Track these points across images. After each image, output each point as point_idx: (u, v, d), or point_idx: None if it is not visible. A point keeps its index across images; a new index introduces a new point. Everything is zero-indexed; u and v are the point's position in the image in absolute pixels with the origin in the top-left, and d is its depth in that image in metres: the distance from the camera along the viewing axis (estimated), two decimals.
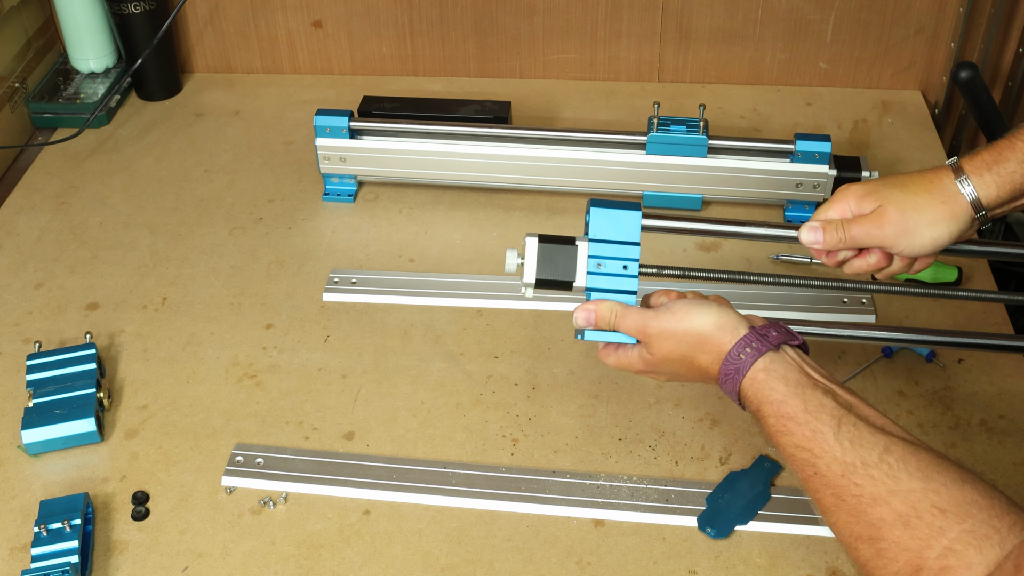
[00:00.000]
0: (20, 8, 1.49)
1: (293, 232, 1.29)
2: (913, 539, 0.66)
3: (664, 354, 0.84)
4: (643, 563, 0.91)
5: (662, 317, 0.83)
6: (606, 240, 0.88)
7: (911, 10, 1.45)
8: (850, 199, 0.87)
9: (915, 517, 0.67)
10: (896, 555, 0.67)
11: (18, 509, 0.97)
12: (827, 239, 0.87)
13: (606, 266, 0.87)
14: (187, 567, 0.92)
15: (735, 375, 0.79)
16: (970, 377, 1.07)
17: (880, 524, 0.68)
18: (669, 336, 0.83)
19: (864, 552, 0.69)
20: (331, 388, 1.08)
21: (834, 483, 0.71)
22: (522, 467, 0.99)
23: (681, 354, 0.83)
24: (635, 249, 0.88)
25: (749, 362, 0.78)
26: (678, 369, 0.84)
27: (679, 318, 0.83)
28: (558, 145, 1.28)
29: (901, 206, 0.85)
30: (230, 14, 1.55)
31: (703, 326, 0.82)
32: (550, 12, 1.50)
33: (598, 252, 0.88)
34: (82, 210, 1.34)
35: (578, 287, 0.87)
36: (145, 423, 1.05)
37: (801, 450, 0.74)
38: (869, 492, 0.69)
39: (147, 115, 1.52)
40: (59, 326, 1.17)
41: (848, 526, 0.70)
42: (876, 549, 0.68)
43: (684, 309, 0.83)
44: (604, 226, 0.88)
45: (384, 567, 0.91)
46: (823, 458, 0.72)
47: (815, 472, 0.73)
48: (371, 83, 1.57)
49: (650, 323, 0.84)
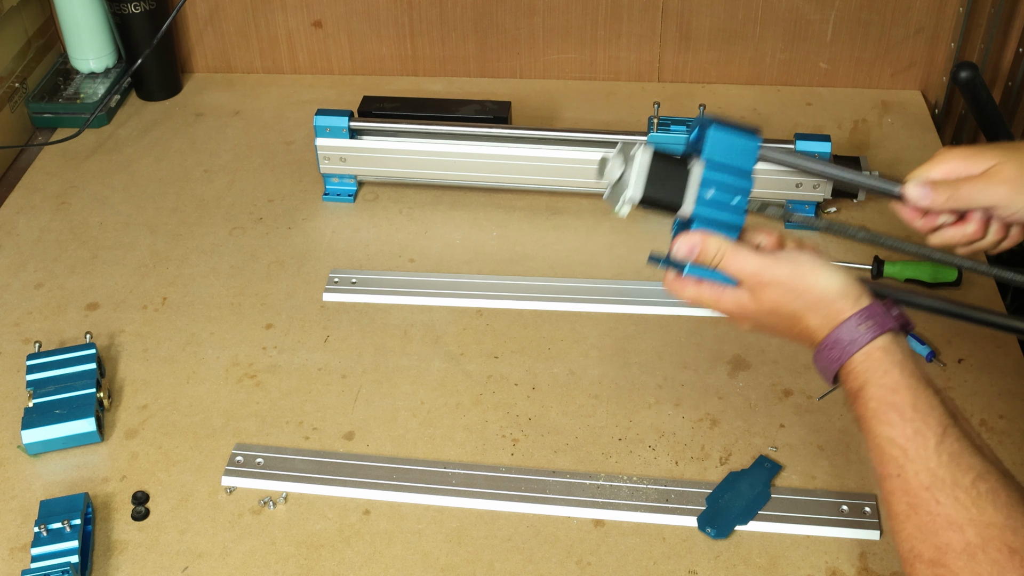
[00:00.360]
0: (20, 8, 1.49)
1: (293, 232, 1.29)
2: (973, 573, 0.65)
3: (772, 306, 0.77)
4: (643, 563, 0.91)
5: (783, 266, 0.77)
6: (722, 165, 0.79)
7: (911, 10, 1.45)
8: (955, 160, 0.80)
9: (981, 551, 0.65)
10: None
11: (18, 509, 0.97)
12: (936, 198, 0.80)
13: (716, 195, 0.79)
14: (187, 567, 0.92)
15: (848, 346, 0.74)
16: (970, 377, 1.07)
17: (946, 550, 0.66)
18: (786, 289, 0.76)
19: (920, 572, 0.67)
20: (331, 388, 1.08)
21: (915, 493, 0.68)
22: (522, 467, 0.99)
23: (792, 310, 0.77)
24: (748, 181, 0.80)
25: (868, 336, 0.73)
26: (776, 323, 0.78)
27: (803, 273, 0.76)
28: (558, 145, 1.28)
29: (1018, 164, 0.78)
30: (230, 14, 1.55)
31: (827, 288, 0.75)
32: (550, 12, 1.50)
33: (712, 178, 0.79)
34: (82, 210, 1.34)
35: (683, 214, 0.79)
36: (145, 423, 1.05)
37: (895, 447, 0.70)
38: (947, 514, 0.66)
39: (147, 115, 1.52)
40: (59, 326, 1.17)
41: (912, 540, 0.68)
42: (933, 572, 0.66)
43: (809, 264, 0.77)
44: (721, 150, 0.79)
45: (384, 567, 0.91)
46: (915, 463, 0.68)
47: (899, 475, 0.69)
48: (371, 83, 1.57)
49: (768, 270, 0.77)
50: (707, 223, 0.79)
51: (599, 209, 1.31)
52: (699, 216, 0.79)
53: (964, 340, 1.10)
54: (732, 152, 0.79)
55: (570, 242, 1.26)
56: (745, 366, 1.09)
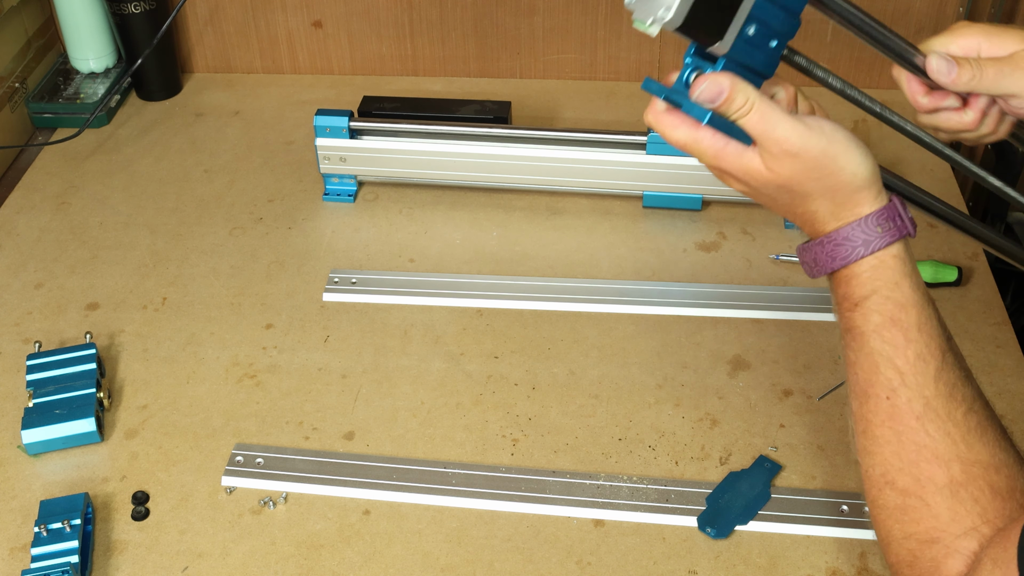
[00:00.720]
0: (20, 8, 1.49)
1: (293, 232, 1.29)
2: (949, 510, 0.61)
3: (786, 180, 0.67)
4: (643, 563, 0.91)
5: (817, 140, 0.66)
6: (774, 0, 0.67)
7: (911, 10, 1.45)
8: (976, 36, 0.74)
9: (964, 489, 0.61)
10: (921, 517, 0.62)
11: (18, 509, 0.97)
12: (961, 75, 0.73)
13: (757, 33, 0.67)
14: (187, 567, 0.92)
15: (859, 247, 0.66)
16: None
17: (927, 483, 0.62)
18: (812, 167, 0.66)
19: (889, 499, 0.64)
20: (331, 388, 1.08)
21: (904, 421, 0.63)
22: (522, 467, 0.99)
23: (806, 191, 0.67)
24: (795, 24, 0.70)
25: (885, 240, 0.66)
26: (779, 197, 0.68)
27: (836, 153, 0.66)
28: (558, 145, 1.28)
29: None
30: (230, 14, 1.55)
31: (855, 175, 0.66)
32: (550, 12, 1.50)
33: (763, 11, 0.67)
34: (82, 210, 1.34)
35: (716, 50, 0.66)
36: (145, 423, 1.05)
37: (892, 369, 0.64)
38: (935, 447, 0.62)
39: (147, 115, 1.52)
40: (59, 326, 1.17)
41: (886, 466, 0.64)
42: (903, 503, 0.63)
43: (844, 143, 0.67)
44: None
45: (384, 567, 0.91)
46: (910, 390, 0.63)
47: (889, 398, 0.64)
48: (371, 83, 1.57)
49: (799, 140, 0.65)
50: (737, 66, 0.67)
51: (599, 209, 1.31)
52: (732, 56, 0.66)
53: (964, 340, 1.10)
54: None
55: (570, 242, 1.26)
56: (745, 366, 1.09)
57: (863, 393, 0.66)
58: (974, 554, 0.60)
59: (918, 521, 0.63)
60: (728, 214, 1.29)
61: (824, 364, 1.09)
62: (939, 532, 0.62)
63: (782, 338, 1.12)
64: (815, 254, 0.68)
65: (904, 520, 0.63)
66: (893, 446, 0.64)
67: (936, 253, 1.21)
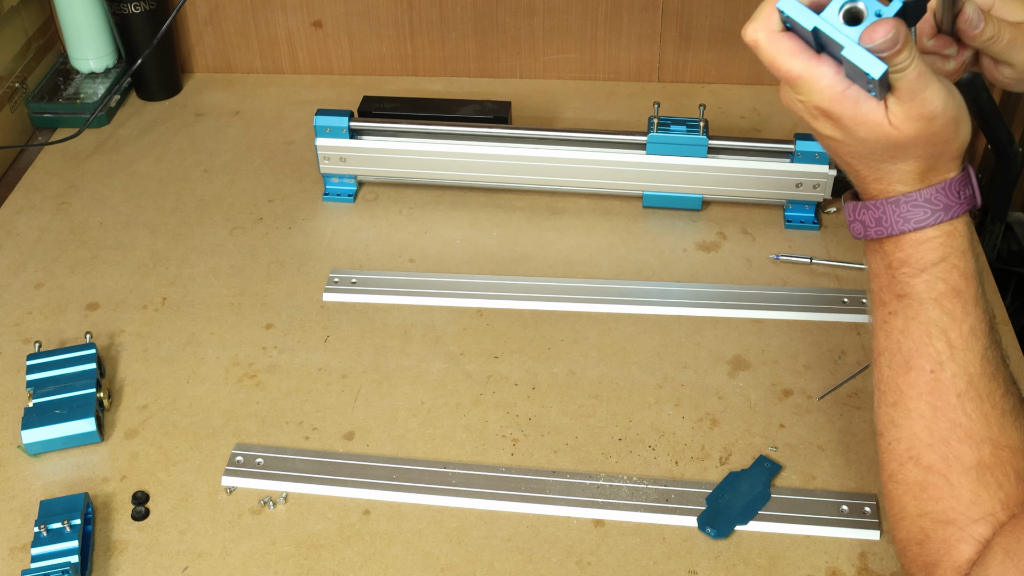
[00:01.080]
0: (20, 8, 1.49)
1: (293, 232, 1.29)
2: (971, 492, 0.60)
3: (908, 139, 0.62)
4: (643, 563, 0.91)
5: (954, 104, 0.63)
6: None
7: None
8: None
9: (990, 472, 0.60)
10: (941, 496, 0.61)
11: (18, 509, 0.97)
12: (984, 32, 0.70)
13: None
14: (187, 567, 0.92)
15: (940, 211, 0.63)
16: None
17: (954, 462, 0.61)
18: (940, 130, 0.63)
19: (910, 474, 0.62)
20: (331, 388, 1.08)
21: (944, 397, 0.61)
22: (522, 467, 0.99)
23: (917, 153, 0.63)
24: None
25: (963, 207, 0.63)
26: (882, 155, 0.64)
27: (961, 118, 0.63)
28: (558, 145, 1.28)
29: None
30: (230, 14, 1.55)
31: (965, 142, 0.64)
32: (550, 12, 1.50)
33: None
34: (82, 210, 1.34)
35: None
36: (145, 423, 1.05)
37: (944, 340, 0.62)
38: (970, 428, 0.61)
39: (147, 115, 1.52)
40: (59, 326, 1.17)
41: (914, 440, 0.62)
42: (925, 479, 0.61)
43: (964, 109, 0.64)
44: None
45: (384, 567, 0.91)
46: (956, 365, 0.61)
47: (933, 371, 0.62)
48: (371, 83, 1.57)
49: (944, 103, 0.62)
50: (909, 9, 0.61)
51: (599, 209, 1.31)
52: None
53: None
54: None
55: (570, 242, 1.26)
56: (745, 366, 1.09)
57: (904, 364, 0.64)
58: (986, 541, 0.59)
59: (937, 500, 0.61)
60: (728, 214, 1.29)
61: (824, 364, 1.09)
62: (956, 514, 0.60)
63: (782, 338, 1.12)
64: (883, 212, 0.64)
65: (922, 497, 0.62)
66: (927, 420, 0.62)
67: None
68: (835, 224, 1.27)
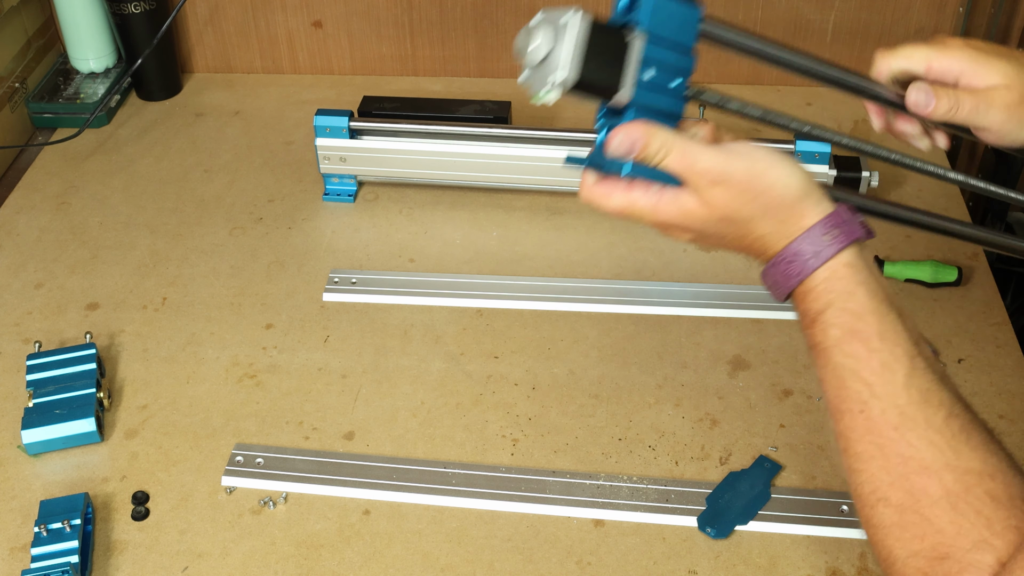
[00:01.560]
0: (20, 8, 1.49)
1: (293, 232, 1.29)
2: (952, 524, 0.59)
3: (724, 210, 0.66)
4: (643, 563, 0.91)
5: (739, 162, 0.66)
6: (664, 39, 0.65)
7: (911, 10, 1.45)
8: (962, 62, 0.73)
9: (964, 501, 0.59)
10: (924, 533, 0.59)
11: (18, 509, 0.97)
12: (939, 107, 0.73)
13: (656, 77, 0.65)
14: (187, 567, 0.92)
15: (811, 259, 0.65)
16: (970, 377, 1.07)
17: (921, 496, 0.59)
18: (742, 189, 0.65)
19: (885, 516, 0.61)
20: (331, 388, 1.08)
21: (882, 433, 0.61)
22: (522, 467, 0.99)
23: (746, 215, 0.66)
24: (690, 59, 0.67)
25: (834, 248, 0.64)
26: (726, 232, 0.67)
27: (761, 170, 0.66)
28: (558, 145, 1.28)
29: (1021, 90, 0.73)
30: (230, 14, 1.55)
31: (788, 187, 0.66)
32: None
33: (653, 55, 0.65)
34: (82, 210, 1.34)
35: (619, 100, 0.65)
36: (145, 423, 1.05)
37: (858, 381, 0.63)
38: (921, 458, 0.60)
39: (147, 115, 1.52)
40: (59, 326, 1.17)
41: (875, 482, 0.62)
42: (901, 519, 0.60)
43: (767, 160, 0.66)
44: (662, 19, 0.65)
45: (384, 567, 0.91)
46: (882, 401, 0.61)
47: (863, 412, 0.62)
48: (371, 83, 1.57)
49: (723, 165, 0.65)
50: (645, 111, 0.66)
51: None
52: (637, 103, 0.65)
53: (964, 340, 1.10)
54: (673, 22, 0.65)
55: (570, 242, 1.26)
56: (745, 366, 1.09)
57: (836, 410, 0.64)
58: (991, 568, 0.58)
59: (922, 537, 0.60)
60: None
61: None
62: (947, 547, 0.59)
63: (782, 338, 1.12)
64: (773, 277, 0.68)
65: (905, 538, 0.61)
66: (878, 460, 0.62)
67: (936, 253, 1.21)
68: None
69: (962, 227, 0.80)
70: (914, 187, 1.33)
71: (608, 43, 0.63)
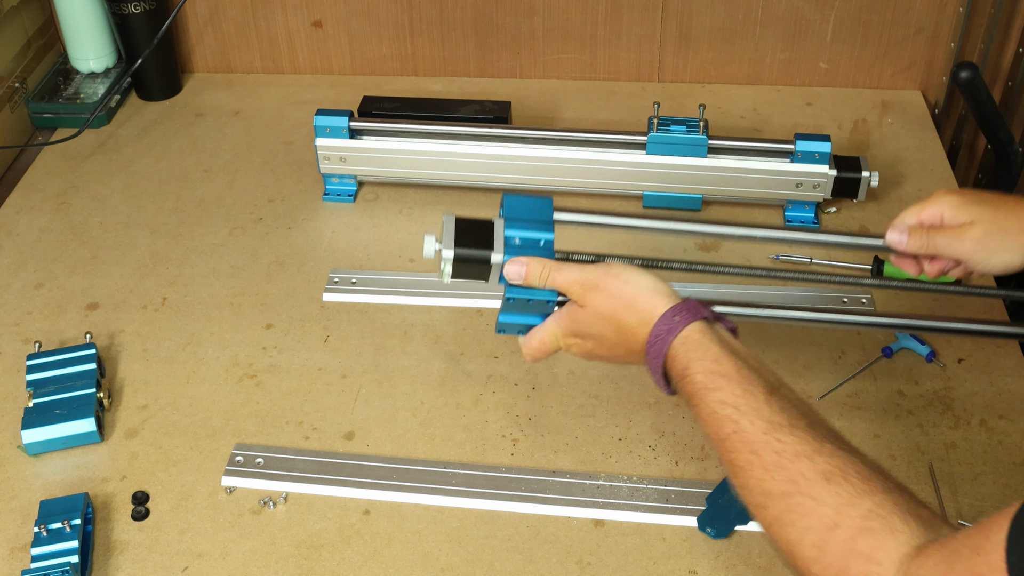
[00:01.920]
0: (20, 8, 1.49)
1: (293, 232, 1.29)
2: (833, 496, 0.65)
3: (599, 311, 0.82)
4: (643, 563, 0.91)
5: (599, 269, 0.83)
6: (521, 219, 0.87)
7: (911, 10, 1.45)
8: (945, 207, 0.90)
9: (840, 476, 0.65)
10: (809, 510, 0.65)
11: (18, 509, 0.97)
12: (911, 243, 0.90)
13: (523, 241, 0.86)
14: (187, 567, 0.92)
15: (666, 335, 0.78)
16: (970, 377, 1.07)
17: (799, 479, 0.67)
18: (604, 292, 0.82)
19: (773, 509, 0.67)
20: (331, 388, 1.08)
21: (755, 439, 0.70)
22: (522, 467, 0.99)
23: (612, 311, 0.82)
24: (549, 229, 0.87)
25: (683, 323, 0.78)
26: (607, 330, 0.83)
27: (616, 272, 0.83)
28: (558, 145, 1.28)
29: (988, 227, 0.88)
30: (230, 14, 1.55)
31: (640, 286, 0.81)
32: (550, 12, 1.50)
33: (514, 228, 0.87)
34: (82, 210, 1.34)
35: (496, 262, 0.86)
36: (145, 423, 1.05)
37: (726, 406, 0.73)
38: (793, 448, 0.68)
39: (147, 115, 1.52)
40: (59, 326, 1.17)
41: (760, 482, 0.69)
42: (787, 504, 0.66)
43: (620, 265, 0.84)
44: (517, 207, 0.88)
45: (384, 567, 0.91)
46: (748, 416, 0.71)
47: (736, 430, 0.71)
48: (371, 83, 1.57)
49: (590, 273, 0.83)
50: None
51: (599, 209, 1.31)
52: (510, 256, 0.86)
53: (964, 340, 1.10)
54: (529, 207, 0.88)
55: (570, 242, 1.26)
56: None
57: (717, 440, 0.73)
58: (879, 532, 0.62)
59: (807, 513, 0.65)
60: (728, 214, 1.29)
61: (824, 364, 1.09)
62: (836, 517, 0.64)
63: (782, 338, 1.12)
64: (649, 364, 0.80)
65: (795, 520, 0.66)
66: (756, 464, 0.69)
67: None
68: (835, 224, 1.28)
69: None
70: (914, 187, 1.33)
71: (477, 229, 0.86)
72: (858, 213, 1.29)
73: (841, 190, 1.25)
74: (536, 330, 0.87)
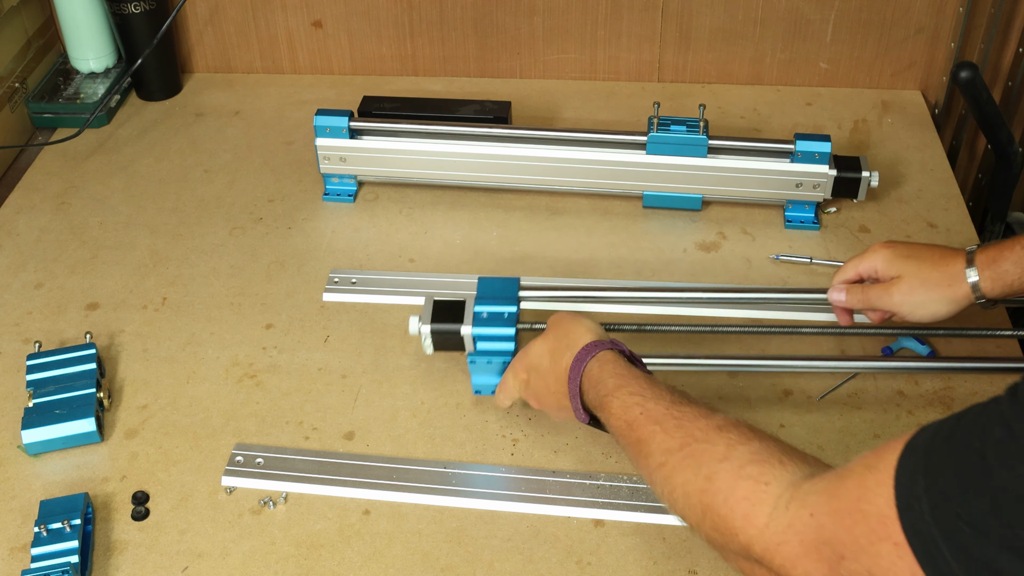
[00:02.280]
0: (20, 8, 1.49)
1: (293, 232, 1.29)
2: (724, 439, 0.74)
3: (543, 337, 0.94)
4: (643, 563, 0.91)
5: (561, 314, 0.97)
6: (489, 296, 1.03)
7: (911, 10, 1.45)
8: (878, 262, 1.00)
9: (732, 426, 0.75)
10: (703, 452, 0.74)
11: (18, 509, 0.97)
12: (850, 299, 1.02)
13: (490, 316, 1.02)
14: (187, 567, 0.92)
15: (584, 356, 0.88)
16: (970, 377, 1.07)
17: (695, 432, 0.76)
18: (555, 324, 0.95)
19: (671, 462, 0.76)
20: (331, 388, 1.08)
21: (658, 413, 0.80)
22: (522, 467, 0.99)
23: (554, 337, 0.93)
24: (514, 303, 1.02)
25: (602, 348, 0.89)
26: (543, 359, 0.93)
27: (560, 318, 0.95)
28: (558, 145, 1.28)
29: (912, 282, 0.97)
30: (230, 14, 1.55)
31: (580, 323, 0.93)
32: (550, 12, 1.50)
33: (483, 306, 1.02)
34: (82, 210, 1.34)
35: (465, 334, 1.01)
36: (145, 423, 1.05)
37: (634, 396, 0.83)
38: (692, 413, 0.78)
39: (147, 115, 1.52)
40: (59, 326, 1.17)
41: (661, 444, 0.77)
42: (684, 453, 0.75)
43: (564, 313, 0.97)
44: (488, 287, 1.05)
45: (384, 567, 0.91)
46: (652, 400, 0.81)
47: (642, 411, 0.81)
48: (371, 83, 1.57)
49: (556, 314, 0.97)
50: (486, 340, 1.01)
51: (599, 209, 1.31)
52: (478, 334, 1.01)
53: (964, 340, 1.10)
54: (497, 286, 1.05)
55: (570, 242, 1.26)
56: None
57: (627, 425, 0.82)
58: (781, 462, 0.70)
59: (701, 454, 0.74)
60: (728, 214, 1.29)
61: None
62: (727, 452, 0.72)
63: (782, 338, 1.12)
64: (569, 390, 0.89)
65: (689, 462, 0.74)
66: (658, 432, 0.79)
67: None
68: (835, 224, 1.28)
69: None
70: (914, 187, 1.33)
71: (452, 307, 1.03)
72: (858, 213, 1.29)
73: (841, 190, 1.25)
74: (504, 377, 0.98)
